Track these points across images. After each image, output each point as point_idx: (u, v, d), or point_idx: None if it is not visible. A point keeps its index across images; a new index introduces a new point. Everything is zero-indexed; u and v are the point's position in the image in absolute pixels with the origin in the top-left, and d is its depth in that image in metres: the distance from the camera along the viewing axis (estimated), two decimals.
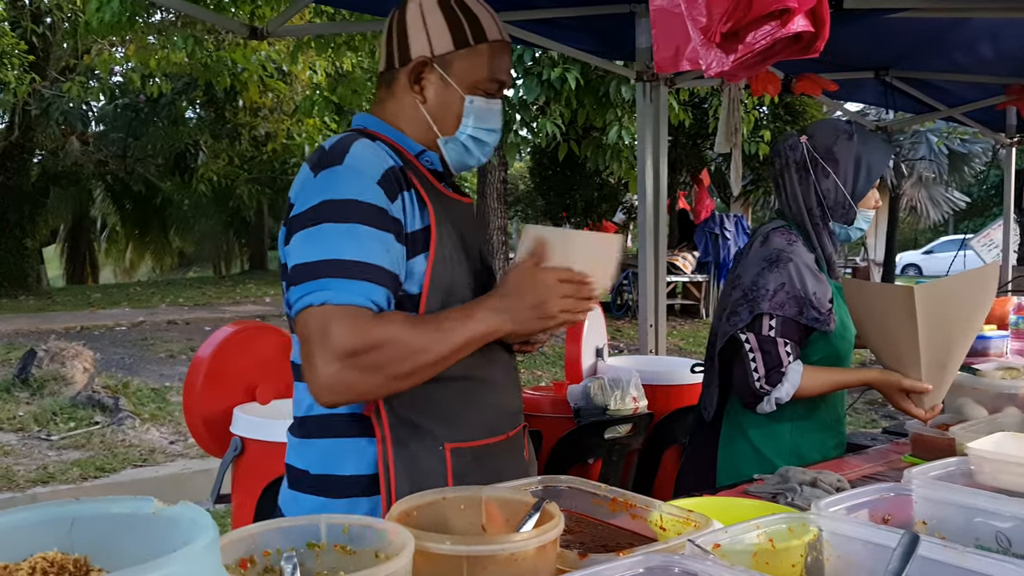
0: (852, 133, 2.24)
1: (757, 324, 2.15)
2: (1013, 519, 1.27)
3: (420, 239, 1.46)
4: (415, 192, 1.48)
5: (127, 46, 12.01)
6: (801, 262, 2.18)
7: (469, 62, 1.53)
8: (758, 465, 2.21)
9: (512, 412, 1.63)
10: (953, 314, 1.98)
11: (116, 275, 24.82)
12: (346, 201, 1.39)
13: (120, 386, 7.26)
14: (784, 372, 2.12)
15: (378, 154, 1.46)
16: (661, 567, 1.05)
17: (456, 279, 1.50)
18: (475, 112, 1.55)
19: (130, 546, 0.86)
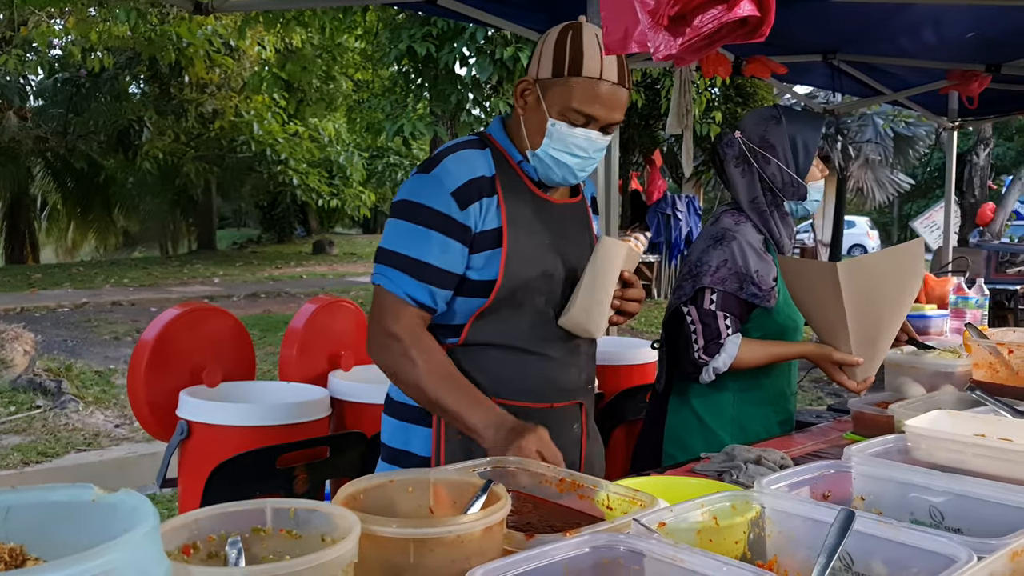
0: (779, 117, 2.32)
1: (699, 298, 2.26)
2: (946, 494, 1.31)
3: (491, 237, 1.73)
4: (496, 198, 1.74)
5: (66, 18, 11.64)
6: (745, 241, 2.28)
7: (560, 91, 1.73)
8: (701, 435, 2.31)
9: (564, 388, 1.85)
10: (879, 289, 2.05)
11: (58, 255, 24.17)
12: (419, 205, 1.72)
13: (63, 369, 7.10)
14: (722, 344, 2.22)
15: (468, 166, 1.73)
16: (606, 546, 1.07)
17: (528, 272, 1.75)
18: (555, 135, 1.74)
19: (69, 534, 0.85)
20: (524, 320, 1.78)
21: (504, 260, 1.72)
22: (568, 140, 1.74)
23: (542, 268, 1.77)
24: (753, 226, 2.34)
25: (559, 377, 1.83)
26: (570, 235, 1.87)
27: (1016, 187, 13.74)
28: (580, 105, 1.72)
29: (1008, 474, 1.39)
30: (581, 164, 1.78)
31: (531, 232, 1.77)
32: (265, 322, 10.33)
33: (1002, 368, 2.30)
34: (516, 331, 1.78)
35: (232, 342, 2.90)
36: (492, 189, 1.74)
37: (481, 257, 1.73)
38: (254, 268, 17.52)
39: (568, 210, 1.89)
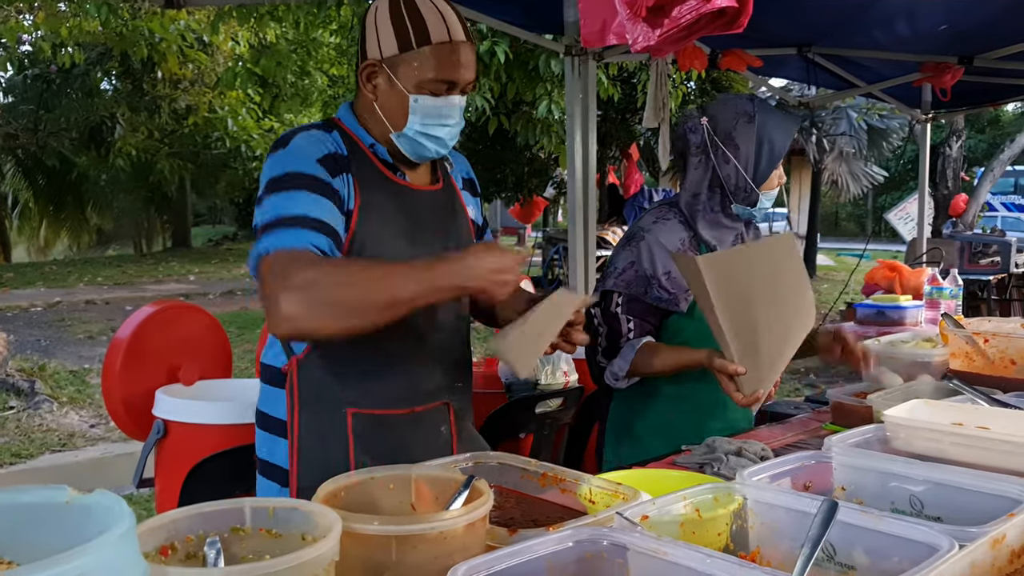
0: (753, 114, 2.14)
1: (606, 300, 2.18)
2: (925, 483, 1.32)
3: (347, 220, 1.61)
4: (350, 178, 1.63)
5: (36, 13, 11.46)
6: (655, 241, 2.14)
7: (413, 64, 1.63)
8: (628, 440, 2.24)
9: (426, 391, 1.73)
10: (749, 288, 1.81)
11: (30, 254, 23.82)
12: (288, 174, 1.58)
13: (36, 369, 7.00)
14: (619, 348, 2.13)
15: (320, 143, 1.63)
16: (590, 540, 1.06)
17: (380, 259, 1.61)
18: (421, 110, 1.65)
19: (43, 537, 0.83)
20: None
21: (347, 245, 1.59)
22: (435, 112, 1.65)
23: (394, 258, 1.62)
24: (681, 222, 2.20)
25: (420, 381, 1.72)
26: (432, 223, 1.74)
27: (988, 179, 13.92)
28: (440, 73, 1.63)
29: (986, 462, 1.41)
30: (451, 132, 1.69)
31: (385, 220, 1.65)
32: (242, 319, 10.25)
33: (978, 357, 2.32)
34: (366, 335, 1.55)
35: (208, 340, 2.87)
36: (347, 168, 1.63)
37: None
38: (230, 265, 17.37)
39: (430, 197, 1.77)
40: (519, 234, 24.21)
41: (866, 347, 2.23)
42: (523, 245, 22.22)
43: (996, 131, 29.64)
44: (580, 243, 3.90)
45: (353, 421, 1.66)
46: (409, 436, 1.70)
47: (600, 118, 11.92)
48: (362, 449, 1.65)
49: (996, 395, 1.92)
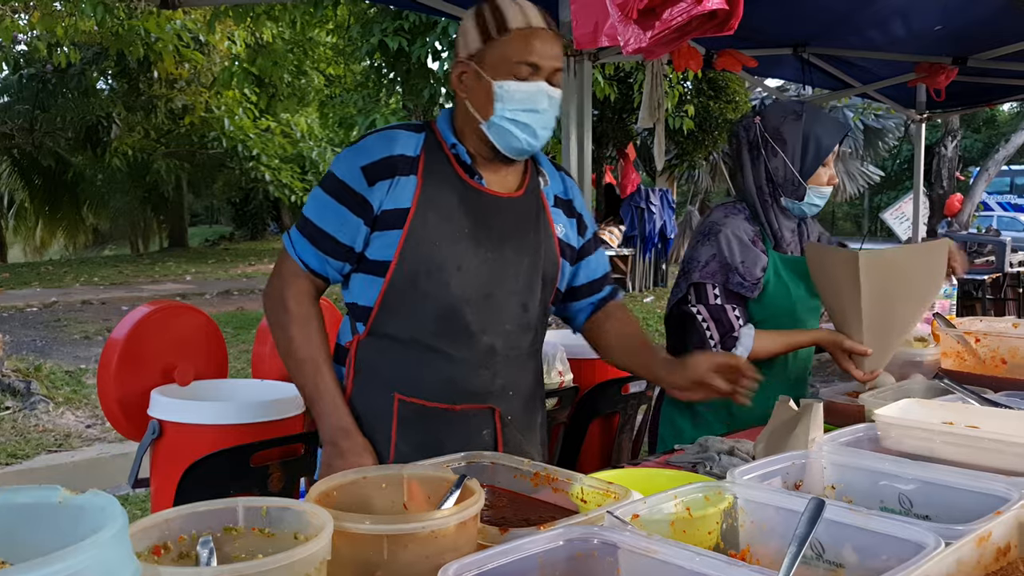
0: (801, 113, 2.30)
1: (703, 294, 2.27)
2: (915, 481, 1.33)
3: (397, 216, 1.69)
4: (413, 178, 1.71)
5: (31, 12, 11.45)
6: (731, 232, 2.28)
7: (496, 53, 1.69)
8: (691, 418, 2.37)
9: (469, 390, 1.76)
10: (897, 283, 2.07)
11: (26, 254, 23.80)
12: (332, 175, 1.75)
13: (32, 369, 6.98)
14: (737, 336, 2.23)
15: (388, 144, 1.72)
16: (580, 539, 1.07)
17: (432, 260, 1.70)
18: (506, 96, 1.69)
19: (36, 537, 0.84)
20: (429, 314, 1.71)
21: (403, 241, 1.68)
22: (519, 96, 1.69)
23: (451, 257, 1.70)
24: (746, 218, 2.33)
25: (464, 378, 1.75)
26: (502, 228, 1.77)
27: (983, 178, 13.95)
28: (520, 56, 1.68)
29: (975, 461, 1.42)
30: (540, 120, 1.71)
31: (445, 218, 1.71)
32: (238, 319, 10.25)
33: (970, 357, 2.34)
34: (420, 325, 1.72)
35: (204, 340, 2.88)
36: (411, 169, 1.71)
37: (382, 236, 1.71)
38: (227, 265, 17.37)
39: (506, 204, 1.79)
40: None
41: None
42: None
43: (992, 131, 29.71)
44: None
45: (399, 407, 1.74)
46: (449, 431, 1.74)
47: (596, 118, 11.94)
48: (403, 435, 1.74)
49: (987, 394, 1.93)
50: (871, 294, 2.05)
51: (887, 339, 2.14)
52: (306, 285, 1.76)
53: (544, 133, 1.74)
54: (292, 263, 1.76)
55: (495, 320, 1.75)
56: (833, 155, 2.31)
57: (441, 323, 1.71)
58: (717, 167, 18.79)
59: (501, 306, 1.75)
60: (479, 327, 1.73)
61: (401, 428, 1.73)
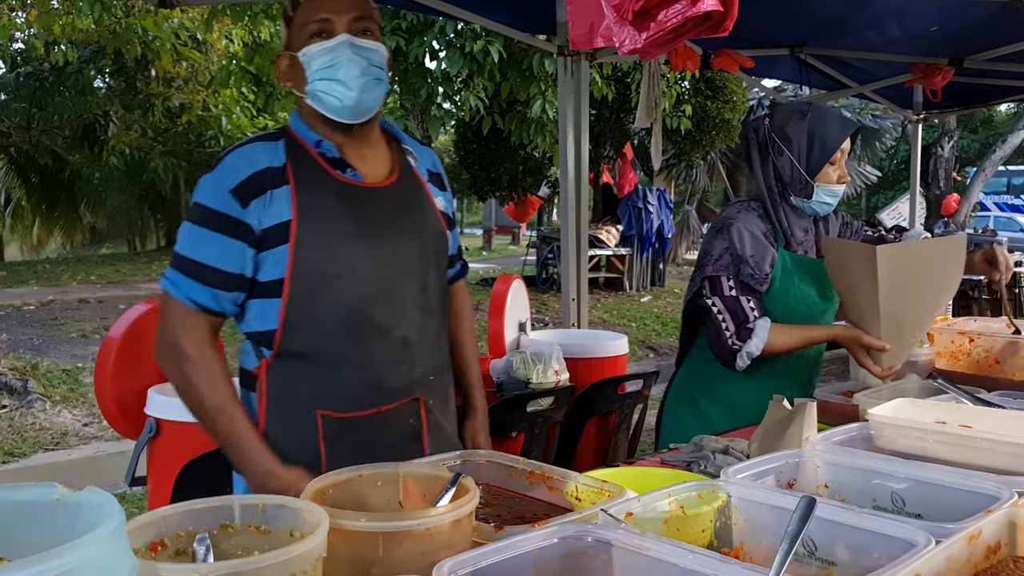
0: (806, 112, 2.32)
1: (717, 287, 2.29)
2: (907, 480, 1.34)
3: (280, 231, 1.63)
4: (286, 188, 1.65)
5: (28, 11, 11.43)
6: (744, 226, 2.31)
7: (294, 29, 1.71)
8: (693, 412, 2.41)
9: (392, 388, 1.72)
10: (914, 278, 2.08)
11: (23, 252, 23.73)
12: (201, 206, 1.67)
13: (29, 368, 6.98)
14: (752, 328, 2.25)
15: (250, 160, 1.66)
16: (574, 536, 1.08)
17: (325, 268, 1.64)
18: (309, 60, 1.68)
19: (34, 534, 0.84)
20: (335, 322, 1.66)
21: (291, 254, 1.62)
22: (321, 54, 1.66)
23: (344, 261, 1.65)
24: (759, 216, 2.36)
25: (386, 378, 1.71)
26: (386, 219, 1.73)
27: (980, 179, 13.98)
28: (310, 17, 1.67)
29: (968, 460, 1.43)
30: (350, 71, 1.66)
31: (328, 222, 1.66)
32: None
33: (963, 357, 2.35)
34: (328, 336, 1.66)
35: None
36: (282, 179, 1.65)
37: (270, 255, 1.64)
38: None
39: (384, 192, 1.75)
40: (514, 233, 24.22)
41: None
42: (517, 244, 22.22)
43: (988, 131, 29.73)
44: (572, 242, 3.92)
45: (323, 423, 1.67)
46: (377, 437, 1.70)
47: (594, 117, 11.93)
48: (332, 450, 1.66)
49: (980, 394, 1.94)
50: (888, 288, 2.06)
51: (904, 334, 2.14)
52: (201, 325, 1.66)
53: (360, 83, 1.66)
54: (180, 306, 1.64)
55: (400, 311, 1.71)
56: (842, 154, 2.32)
57: (349, 329, 1.66)
58: (714, 167, 18.81)
59: (403, 296, 1.72)
60: (388, 323, 1.69)
61: (328, 444, 1.67)
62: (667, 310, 11.68)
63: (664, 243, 13.83)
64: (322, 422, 1.67)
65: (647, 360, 9.12)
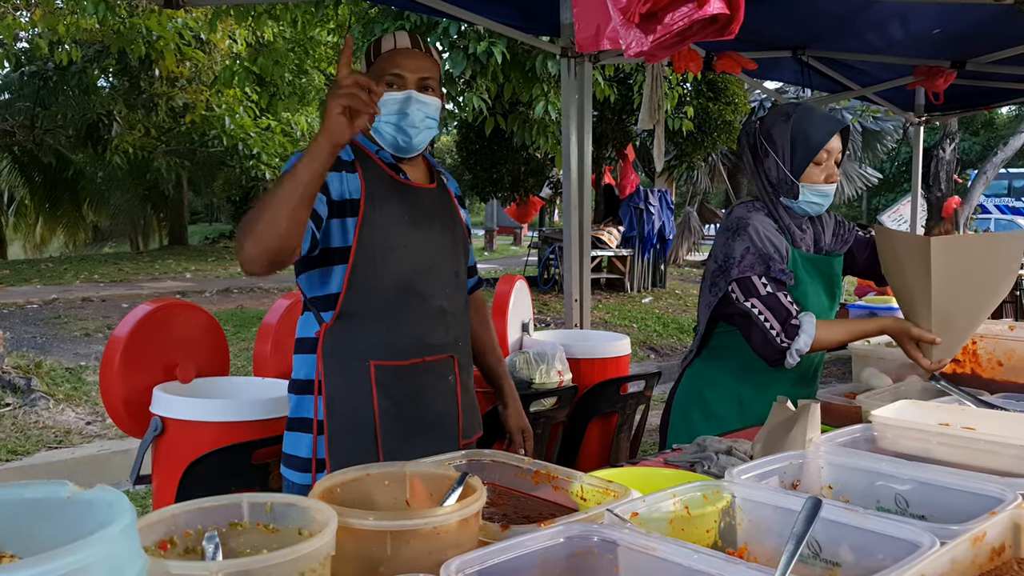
0: (791, 114, 2.32)
1: (752, 288, 2.25)
2: (911, 482, 1.34)
3: (349, 206, 1.96)
4: (356, 175, 1.99)
5: (33, 10, 11.44)
6: (760, 223, 2.30)
7: (372, 74, 2.05)
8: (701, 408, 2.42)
9: (432, 344, 2.06)
10: (969, 272, 2.03)
11: (26, 251, 23.77)
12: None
13: (32, 366, 6.99)
14: (798, 324, 2.20)
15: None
16: (580, 536, 1.09)
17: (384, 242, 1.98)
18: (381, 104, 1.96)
19: (45, 531, 0.85)
20: (389, 287, 1.99)
21: (359, 227, 1.96)
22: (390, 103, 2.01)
23: (399, 238, 2.01)
24: (767, 214, 2.36)
25: (426, 335, 2.05)
26: (430, 212, 2.11)
27: (981, 181, 13.96)
28: (387, 70, 2.03)
29: (971, 462, 1.43)
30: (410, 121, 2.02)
31: (387, 207, 2.01)
32: (238, 317, 10.25)
33: (966, 358, 2.35)
34: (383, 298, 1.99)
35: (205, 338, 2.89)
36: (352, 168, 2.00)
37: (338, 224, 1.95)
38: (226, 263, 17.36)
39: (427, 193, 2.13)
40: (515, 233, 24.21)
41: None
42: (519, 245, 22.22)
43: (990, 133, 29.71)
44: (575, 243, 3.93)
45: (376, 371, 1.98)
46: (422, 382, 2.04)
47: (596, 119, 11.93)
48: (383, 394, 1.98)
49: (983, 396, 1.94)
50: (941, 280, 2.00)
51: (956, 328, 2.09)
52: None
53: (416, 132, 2.04)
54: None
55: (439, 286, 2.08)
56: (828, 154, 2.30)
57: (399, 295, 2.00)
58: (716, 168, 18.79)
59: (441, 274, 2.09)
60: (429, 293, 2.05)
61: (380, 389, 1.98)
62: (668, 311, 11.68)
63: (665, 244, 13.82)
64: (375, 370, 1.98)
65: (648, 361, 9.13)
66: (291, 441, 2.05)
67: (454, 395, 2.11)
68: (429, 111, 2.05)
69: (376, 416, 1.96)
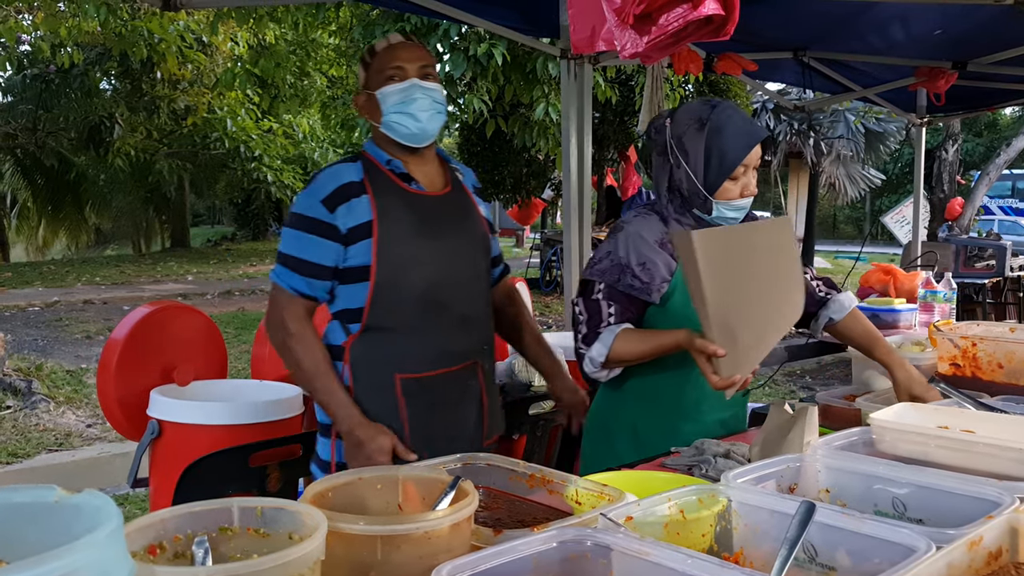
0: (706, 121, 2.07)
1: (587, 290, 2.15)
2: (909, 485, 1.33)
3: (363, 230, 2.02)
4: (365, 197, 2.04)
5: (35, 13, 11.47)
6: (634, 232, 2.12)
7: (373, 72, 2.12)
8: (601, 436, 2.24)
9: (456, 352, 2.11)
10: (740, 268, 1.79)
11: (28, 253, 23.81)
12: (298, 215, 2.07)
13: (33, 368, 6.99)
14: (600, 332, 2.07)
15: (336, 176, 2.06)
16: (574, 540, 1.08)
17: (401, 257, 2.04)
18: (386, 98, 2.08)
19: (32, 536, 0.84)
20: (411, 301, 2.05)
21: (376, 245, 2.02)
22: (395, 94, 2.07)
23: (413, 252, 2.05)
24: (660, 220, 2.15)
25: (449, 344, 2.10)
26: (445, 221, 2.14)
27: (984, 182, 13.93)
28: (387, 64, 2.08)
29: (970, 465, 1.42)
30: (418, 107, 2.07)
31: (400, 222, 2.06)
32: (239, 320, 10.26)
33: (966, 361, 2.34)
34: (407, 311, 2.05)
35: (203, 340, 2.89)
36: (361, 190, 2.05)
37: (356, 247, 2.03)
38: (228, 265, 17.38)
39: (441, 200, 2.16)
40: (517, 235, 24.21)
41: None
42: (521, 246, 22.23)
43: (993, 134, 29.68)
44: (575, 245, 3.92)
45: (401, 383, 2.05)
46: (447, 390, 2.09)
47: (598, 120, 11.91)
48: (411, 405, 2.04)
49: (983, 399, 1.93)
50: (711, 279, 1.73)
51: (739, 338, 1.81)
52: (299, 308, 2.04)
53: (427, 116, 2.09)
54: (284, 292, 2.04)
55: (460, 293, 2.11)
56: (746, 167, 2.09)
57: (420, 306, 2.05)
58: None
59: (460, 281, 2.12)
60: (450, 302, 2.09)
61: (407, 398, 2.04)
62: None
63: None
64: (400, 382, 2.05)
65: None
66: (322, 445, 2.15)
67: (478, 400, 2.15)
68: (435, 96, 2.10)
69: (405, 424, 2.04)
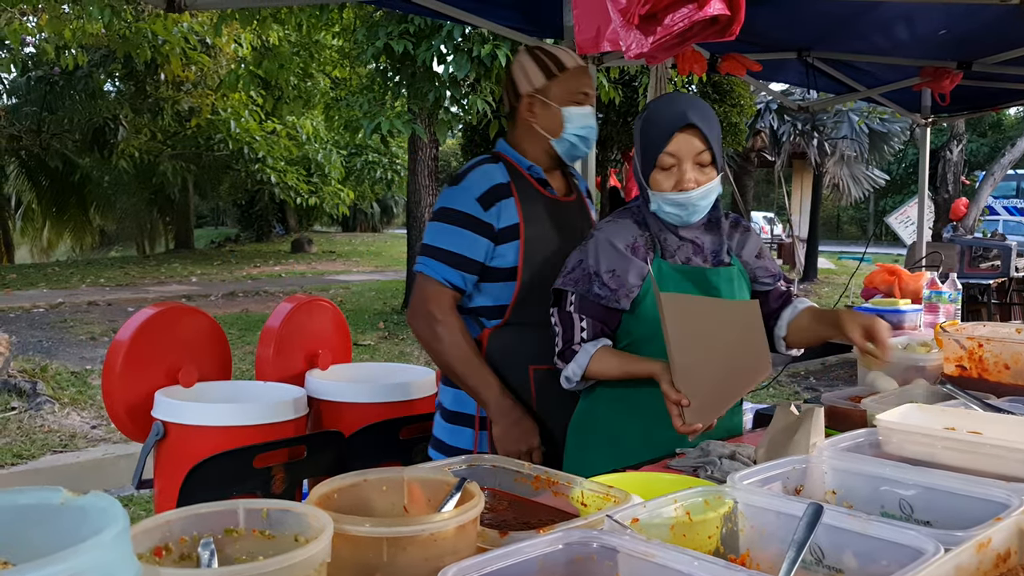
0: (646, 110, 2.07)
1: (560, 300, 2.10)
2: (916, 487, 1.33)
3: (512, 231, 2.18)
4: (512, 200, 2.20)
5: (39, 15, 11.49)
6: (605, 238, 2.06)
7: (559, 86, 2.23)
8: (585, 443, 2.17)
9: None
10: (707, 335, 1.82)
11: (33, 255, 23.89)
12: (451, 209, 2.20)
13: (38, 370, 7.01)
14: (575, 350, 2.04)
15: (488, 176, 2.21)
16: (580, 542, 1.08)
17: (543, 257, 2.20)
18: (571, 118, 2.23)
19: (38, 538, 0.84)
20: (547, 301, 2.13)
21: (523, 247, 2.17)
22: (580, 117, 2.23)
23: (556, 253, 2.18)
24: (637, 221, 2.10)
25: None
26: (573, 224, 2.31)
27: (989, 182, 13.90)
28: (578, 88, 2.23)
29: (977, 467, 1.42)
30: (592, 134, 2.28)
31: (543, 225, 2.22)
32: (243, 321, 10.27)
33: (972, 362, 2.33)
34: (541, 310, 2.14)
35: (208, 342, 2.89)
36: (508, 192, 2.19)
37: (505, 247, 2.18)
38: (232, 267, 17.42)
39: (571, 205, 2.35)
40: None
41: None
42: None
43: (998, 135, 29.62)
44: None
45: (535, 375, 2.19)
46: None
47: (601, 121, 11.92)
48: (541, 395, 2.19)
49: (990, 400, 1.92)
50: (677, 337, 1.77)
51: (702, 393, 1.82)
52: (448, 298, 2.18)
53: (592, 141, 2.31)
54: (434, 283, 2.17)
55: None
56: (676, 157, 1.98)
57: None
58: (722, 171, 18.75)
59: None
60: None
61: (539, 391, 2.19)
62: None
63: None
64: (534, 375, 2.19)
65: None
66: (450, 432, 2.28)
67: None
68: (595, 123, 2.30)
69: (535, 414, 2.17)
